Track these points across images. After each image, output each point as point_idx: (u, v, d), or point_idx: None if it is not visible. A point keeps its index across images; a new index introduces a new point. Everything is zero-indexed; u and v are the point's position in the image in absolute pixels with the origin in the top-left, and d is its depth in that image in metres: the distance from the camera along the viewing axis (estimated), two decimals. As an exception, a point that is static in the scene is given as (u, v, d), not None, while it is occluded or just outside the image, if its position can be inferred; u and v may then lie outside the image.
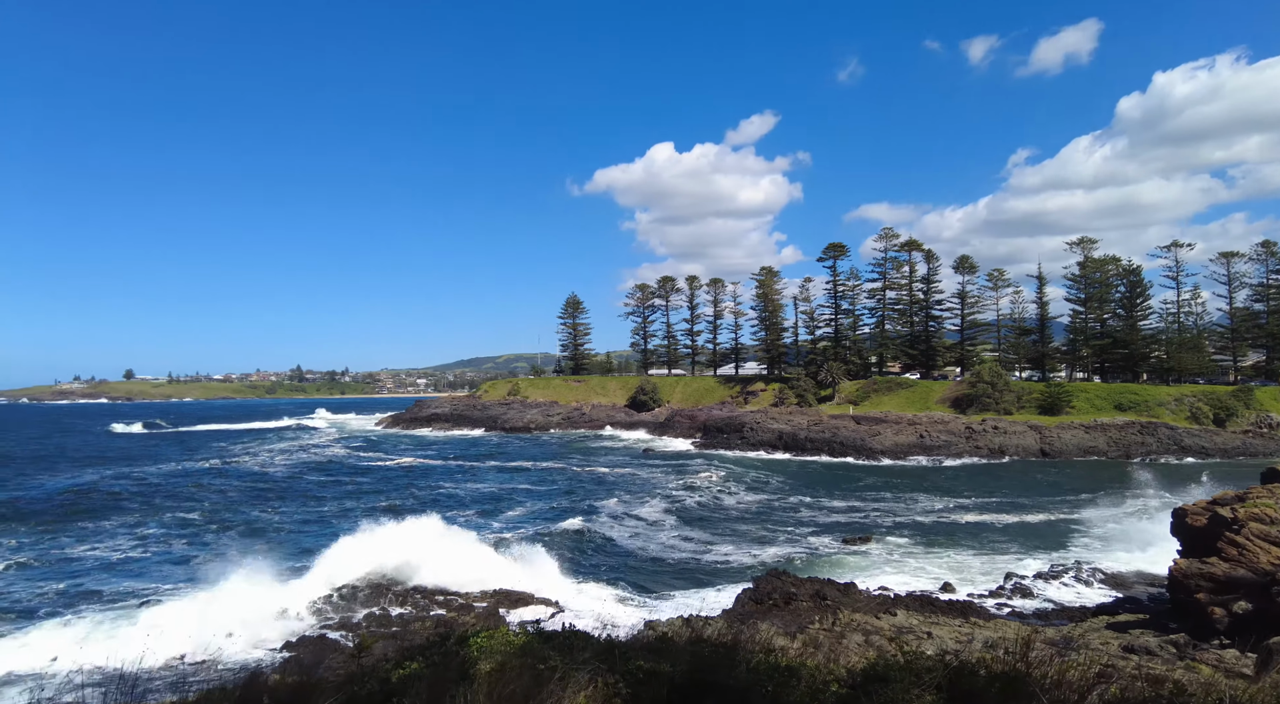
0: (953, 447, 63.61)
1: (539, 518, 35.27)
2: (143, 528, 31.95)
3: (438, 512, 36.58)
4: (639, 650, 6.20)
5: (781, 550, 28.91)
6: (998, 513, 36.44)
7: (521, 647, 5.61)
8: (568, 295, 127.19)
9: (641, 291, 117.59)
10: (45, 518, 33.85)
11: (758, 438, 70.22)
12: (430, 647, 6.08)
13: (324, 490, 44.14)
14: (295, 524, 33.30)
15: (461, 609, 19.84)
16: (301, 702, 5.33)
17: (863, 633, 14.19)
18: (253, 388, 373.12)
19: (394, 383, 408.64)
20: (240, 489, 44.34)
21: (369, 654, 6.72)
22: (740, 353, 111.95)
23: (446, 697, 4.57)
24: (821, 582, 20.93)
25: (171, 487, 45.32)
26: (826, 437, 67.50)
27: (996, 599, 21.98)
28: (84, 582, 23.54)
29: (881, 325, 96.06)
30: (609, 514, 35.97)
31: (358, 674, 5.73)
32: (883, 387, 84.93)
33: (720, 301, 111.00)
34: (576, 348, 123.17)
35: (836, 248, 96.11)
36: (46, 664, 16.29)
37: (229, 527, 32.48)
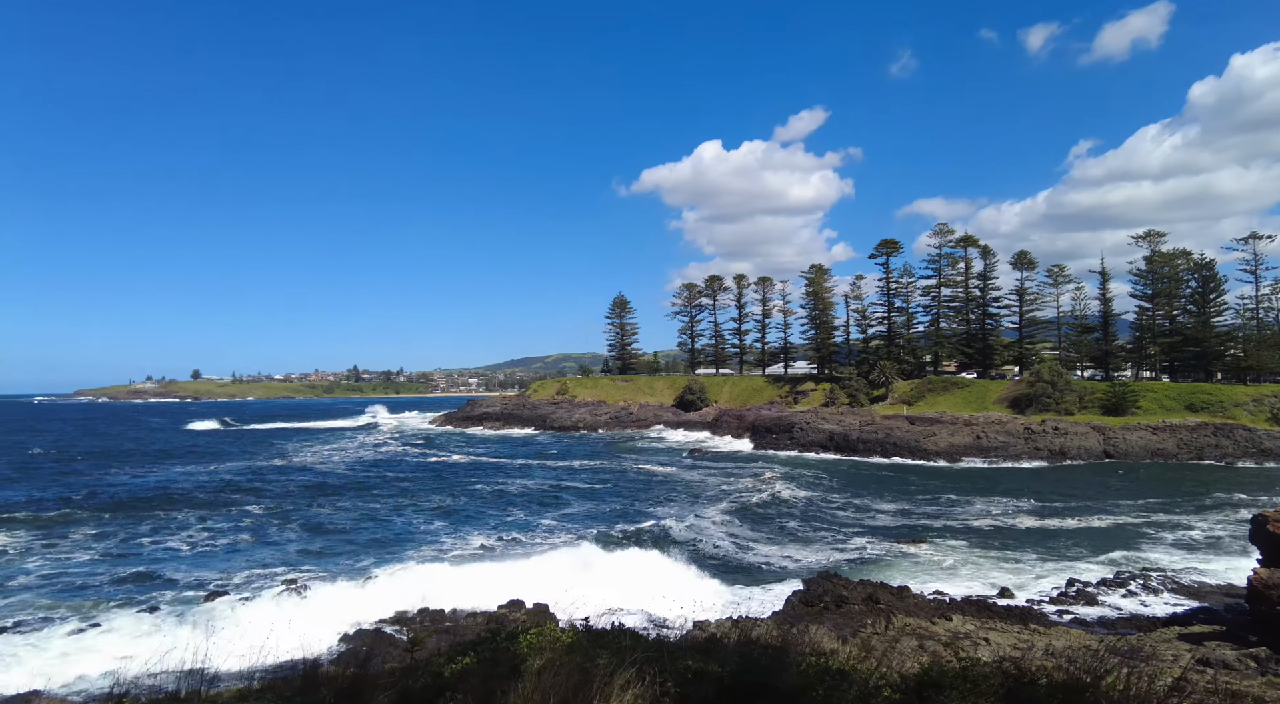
0: (1011, 448, 61.65)
1: (588, 517, 35.52)
2: (213, 521, 33.39)
3: (491, 509, 37.35)
4: (687, 650, 6.18)
5: (832, 552, 28.50)
6: (1059, 517, 35.19)
7: (570, 644, 5.65)
8: (615, 296, 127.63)
9: (689, 291, 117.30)
10: (129, 509, 35.72)
11: (808, 438, 69.32)
12: (481, 643, 6.17)
13: (381, 487, 45.29)
14: (352, 521, 34.22)
15: (513, 605, 20.09)
16: (357, 693, 5.48)
17: (917, 638, 13.87)
18: (311, 387, 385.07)
19: (447, 382, 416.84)
20: (302, 485, 45.83)
21: (422, 649, 6.86)
22: (789, 352, 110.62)
23: (497, 692, 4.63)
24: (874, 585, 20.55)
25: (240, 482, 47.24)
26: (879, 438, 66.21)
27: (1057, 606, 21.21)
28: (161, 570, 24.73)
29: (936, 323, 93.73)
30: (656, 513, 36.02)
31: (411, 668, 5.85)
32: (938, 386, 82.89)
33: (769, 300, 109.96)
34: (624, 348, 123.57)
35: (889, 244, 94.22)
36: (125, 649, 17.11)
37: (290, 520, 33.63)
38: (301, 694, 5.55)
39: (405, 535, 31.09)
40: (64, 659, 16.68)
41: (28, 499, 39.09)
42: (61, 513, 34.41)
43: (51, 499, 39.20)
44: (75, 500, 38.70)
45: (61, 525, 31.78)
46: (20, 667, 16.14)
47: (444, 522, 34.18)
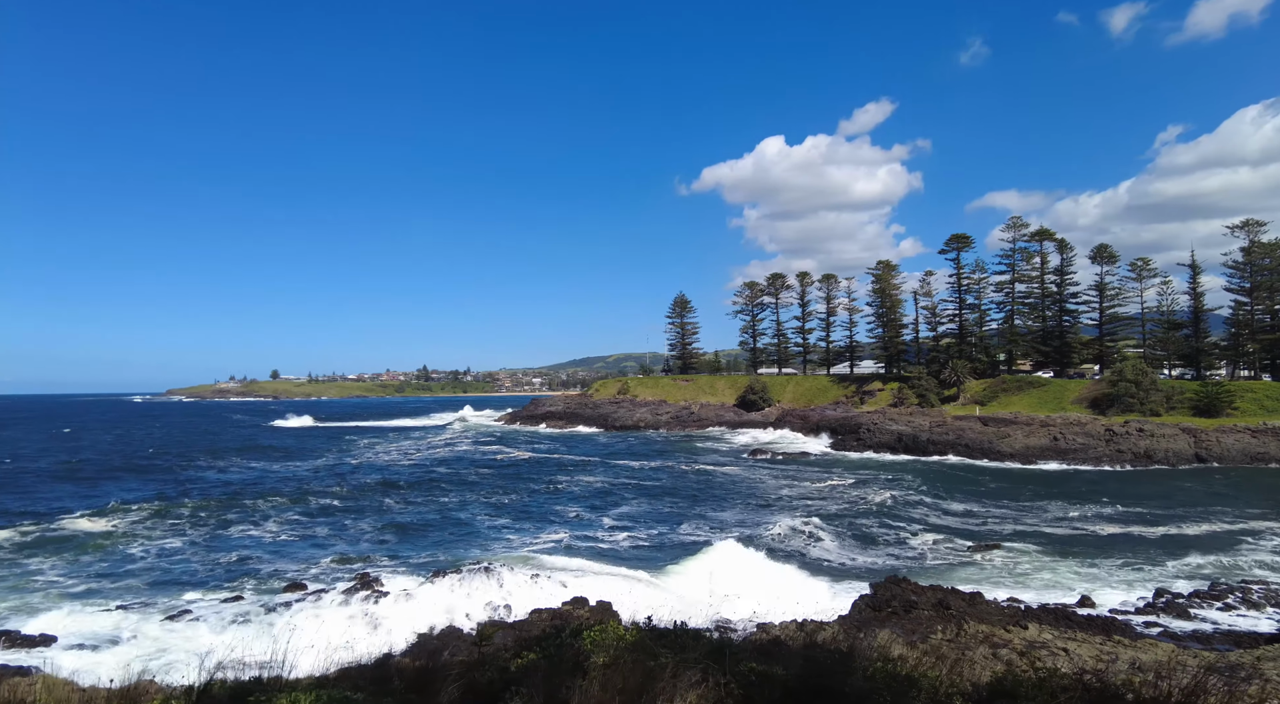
0: (1091, 450, 58.78)
1: (647, 517, 35.61)
2: (296, 513, 35.13)
3: (555, 506, 37.88)
4: (751, 652, 6.11)
5: (899, 555, 27.78)
6: (1145, 524, 33.35)
7: (634, 643, 5.67)
8: (675, 295, 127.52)
9: (750, 289, 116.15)
10: (224, 501, 37.84)
11: (875, 439, 67.74)
12: (546, 639, 6.25)
13: (450, 483, 46.50)
14: (423, 515, 35.24)
15: (576, 602, 20.30)
16: (426, 684, 5.62)
17: (990, 646, 13.37)
18: (383, 387, 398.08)
19: (511, 382, 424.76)
20: (378, 481, 47.49)
21: (489, 643, 6.99)
22: (855, 351, 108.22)
23: (562, 688, 4.68)
24: (944, 590, 19.92)
25: (322, 477, 49.67)
26: (950, 439, 64.17)
27: (1144, 617, 20.09)
28: (247, 560, 26.07)
29: (1010, 320, 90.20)
30: (714, 514, 35.86)
31: (478, 661, 5.97)
32: (1012, 386, 79.79)
33: (833, 298, 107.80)
34: (684, 347, 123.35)
35: (960, 239, 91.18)
36: (212, 634, 18.06)
37: (366, 514, 34.94)
38: (374, 683, 5.72)
39: (473, 531, 31.82)
40: (159, 642, 17.71)
41: (140, 493, 42.05)
42: (166, 505, 36.65)
43: (158, 493, 42.02)
44: (178, 494, 41.47)
45: (165, 517, 33.76)
46: (122, 648, 17.21)
47: (509, 518, 34.85)
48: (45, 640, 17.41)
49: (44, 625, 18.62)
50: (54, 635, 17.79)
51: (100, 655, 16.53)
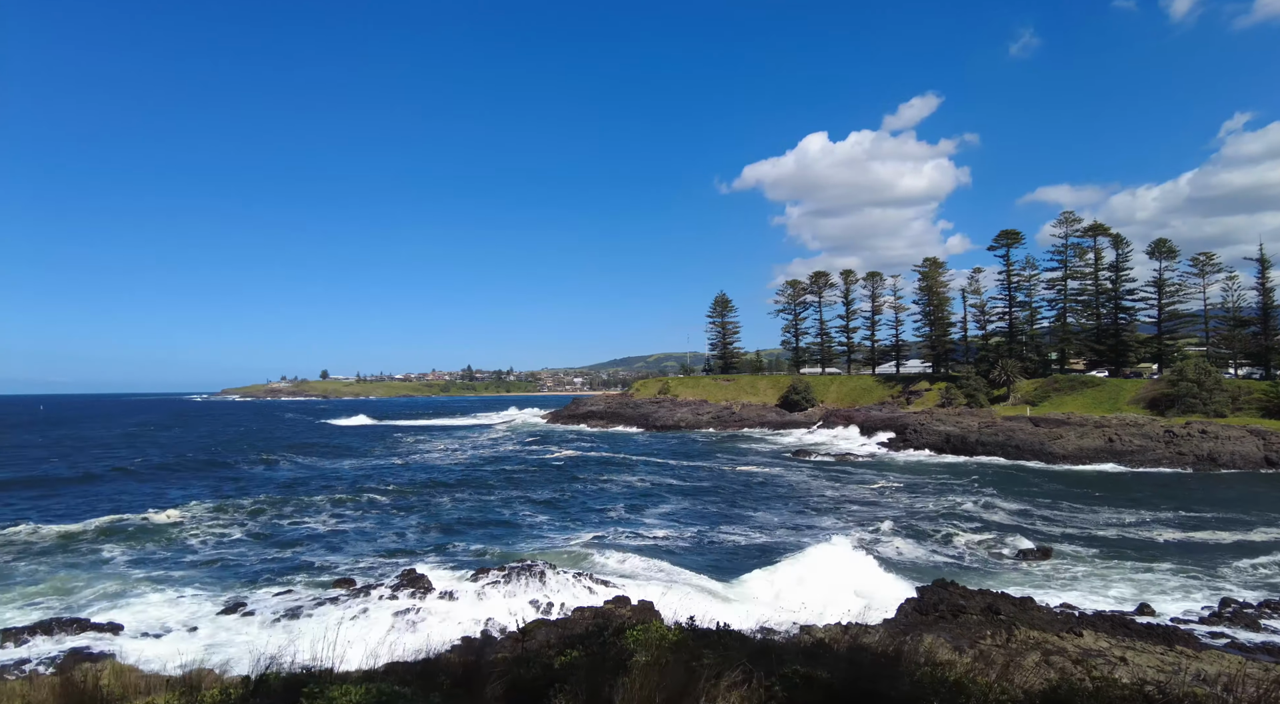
0: (1149, 453, 56.62)
1: (687, 516, 35.53)
2: (347, 509, 36.11)
3: (596, 504, 38.07)
4: (794, 654, 6.06)
5: (947, 558, 27.18)
6: (1207, 529, 32.00)
7: (676, 643, 5.67)
8: (716, 294, 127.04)
9: (793, 288, 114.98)
10: (280, 498, 38.94)
11: (922, 440, 66.44)
12: (589, 636, 6.29)
13: (494, 480, 47.13)
14: (466, 511, 35.79)
15: (618, 601, 20.37)
16: (472, 679, 5.71)
17: (1042, 653, 13.00)
18: (429, 386, 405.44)
19: (553, 381, 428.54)
20: (425, 478, 48.43)
21: (532, 640, 7.07)
22: (901, 350, 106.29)
23: (605, 686, 4.70)
24: (993, 595, 19.43)
25: (371, 474, 50.81)
26: (1000, 439, 62.54)
27: (1209, 627, 19.27)
28: (300, 555, 26.86)
29: (1062, 318, 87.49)
30: (754, 516, 35.60)
31: (522, 658, 6.04)
32: (1064, 385, 77.39)
33: (879, 296, 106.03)
34: (725, 347, 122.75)
35: (1009, 235, 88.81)
36: (266, 626, 18.63)
37: (413, 510, 35.71)
38: (421, 678, 5.84)
39: (516, 528, 32.18)
40: (216, 633, 18.35)
41: (205, 488, 44.08)
42: (227, 500, 38.05)
43: (221, 488, 43.88)
44: (238, 490, 43.25)
45: (226, 512, 34.93)
46: (182, 637, 17.88)
47: (552, 516, 35.17)
48: (113, 628, 18.19)
49: (112, 614, 19.47)
50: (120, 624, 18.57)
51: (162, 644, 17.19)
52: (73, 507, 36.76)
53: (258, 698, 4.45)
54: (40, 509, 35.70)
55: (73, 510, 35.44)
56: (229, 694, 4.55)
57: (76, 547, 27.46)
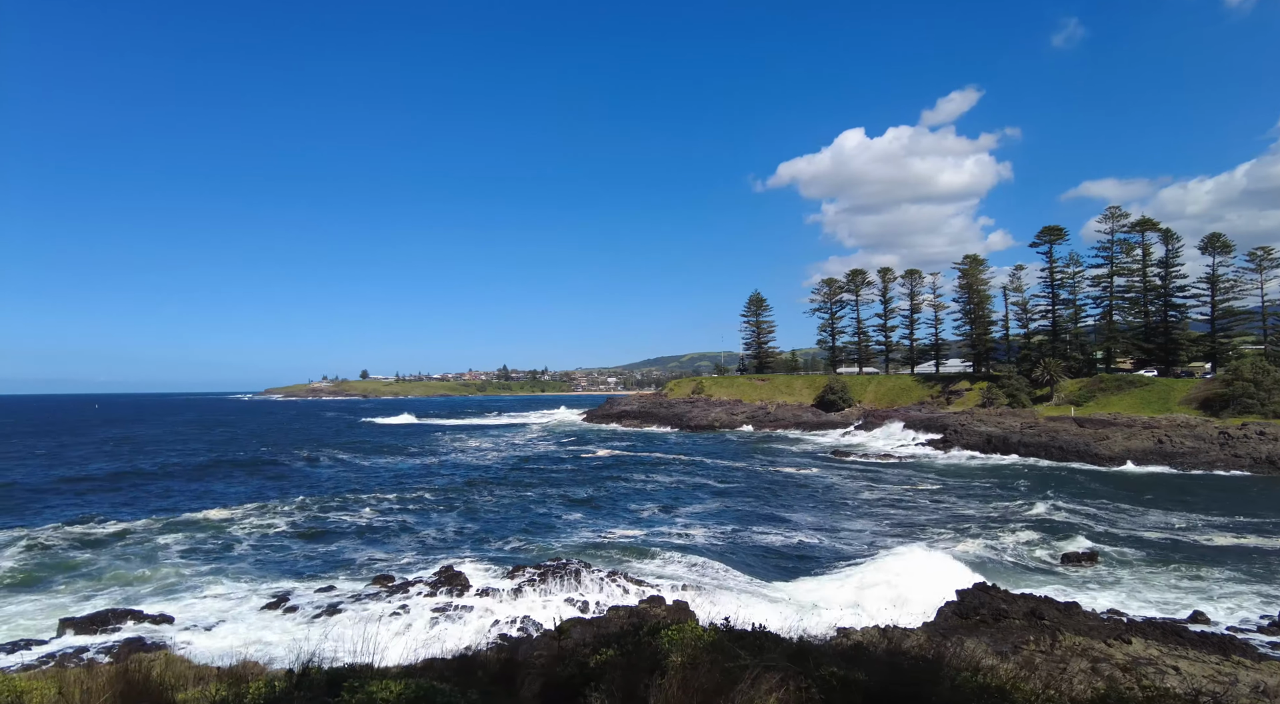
0: (1202, 455, 54.66)
1: (720, 515, 35.37)
2: (387, 506, 36.77)
3: (630, 503, 38.13)
4: (832, 656, 5.99)
5: (988, 560, 26.60)
6: (1263, 535, 30.72)
7: (712, 643, 5.64)
8: (751, 293, 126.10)
9: (829, 286, 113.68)
10: (322, 495, 39.86)
11: (962, 440, 65.17)
12: (624, 636, 6.30)
13: (530, 479, 47.57)
14: (502, 508, 36.16)
15: (653, 601, 20.38)
16: (509, 676, 5.76)
17: (1089, 660, 12.64)
18: (465, 386, 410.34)
19: (587, 381, 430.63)
20: (464, 476, 49.13)
21: (568, 638, 7.10)
22: (941, 349, 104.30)
23: (640, 685, 4.70)
24: (1036, 599, 18.95)
25: (412, 472, 51.86)
26: (1043, 440, 61.01)
27: (1270, 637, 18.52)
28: (342, 551, 27.48)
29: (1108, 316, 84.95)
30: (789, 516, 35.28)
31: (558, 656, 6.08)
32: (1110, 385, 75.17)
33: (917, 294, 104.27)
34: (760, 346, 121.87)
35: (1053, 231, 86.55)
36: (307, 621, 19.04)
37: (451, 508, 36.21)
38: (459, 674, 5.90)
39: (552, 527, 32.38)
40: (260, 627, 18.80)
41: (253, 484, 45.45)
42: (274, 497, 39.03)
43: (268, 485, 44.83)
44: (284, 486, 44.45)
45: (273, 509, 35.82)
46: (229, 630, 18.38)
47: (587, 514, 35.32)
48: (165, 619, 18.78)
49: (164, 606, 20.10)
50: (172, 616, 19.16)
51: (210, 637, 17.69)
52: (130, 503, 38.11)
53: (301, 691, 4.54)
54: (100, 505, 37.04)
55: (131, 506, 36.76)
56: (273, 687, 4.65)
57: (133, 541, 28.40)
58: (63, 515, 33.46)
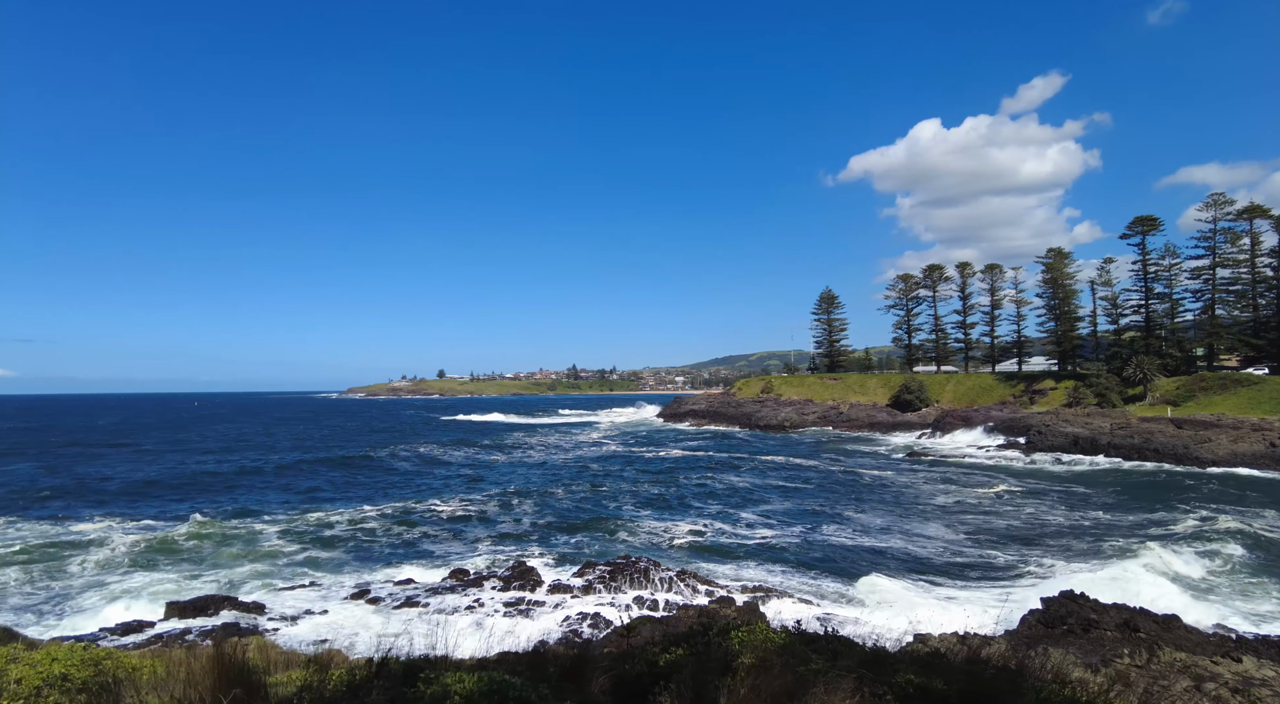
0: (1322, 460, 50.54)
1: (789, 515, 34.83)
2: (465, 501, 37.90)
3: (696, 501, 38.00)
4: (907, 663, 5.82)
5: (1073, 568, 25.28)
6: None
7: (783, 646, 5.56)
8: (822, 290, 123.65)
9: (904, 282, 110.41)
10: (401, 487, 41.38)
11: (1047, 442, 62.18)
12: (693, 635, 6.28)
13: (600, 477, 48.11)
14: (573, 505, 36.63)
15: (723, 601, 20.27)
16: (578, 673, 5.82)
17: (1192, 678, 11.85)
18: (536, 385, 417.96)
19: (655, 380, 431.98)
20: (538, 473, 50.22)
21: (636, 635, 7.12)
22: (1023, 347, 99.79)
23: (710, 686, 4.68)
24: (1131, 609, 17.90)
25: (488, 468, 53.46)
26: (1135, 442, 57.58)
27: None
28: (421, 544, 28.47)
29: (1210, 311, 79.44)
30: (859, 518, 34.44)
31: (627, 653, 6.11)
32: (1213, 384, 70.31)
33: (998, 289, 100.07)
34: (832, 345, 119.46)
35: (1146, 221, 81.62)
36: (387, 614, 19.77)
37: (525, 504, 37.01)
38: (530, 669, 6.00)
39: (621, 524, 32.57)
40: (343, 617, 19.62)
41: (343, 480, 47.37)
42: (363, 493, 40.65)
43: (356, 480, 46.78)
44: (372, 482, 46.39)
45: (359, 507, 37.45)
46: (315, 619, 19.25)
47: (655, 512, 35.41)
48: (257, 607, 19.82)
49: (256, 595, 21.25)
50: (263, 604, 20.21)
51: (297, 625, 18.57)
52: (230, 498, 40.51)
53: (380, 680, 4.71)
54: (202, 502, 39.55)
55: (230, 501, 39.09)
56: (354, 674, 4.84)
57: (233, 534, 30.11)
58: (165, 510, 35.87)
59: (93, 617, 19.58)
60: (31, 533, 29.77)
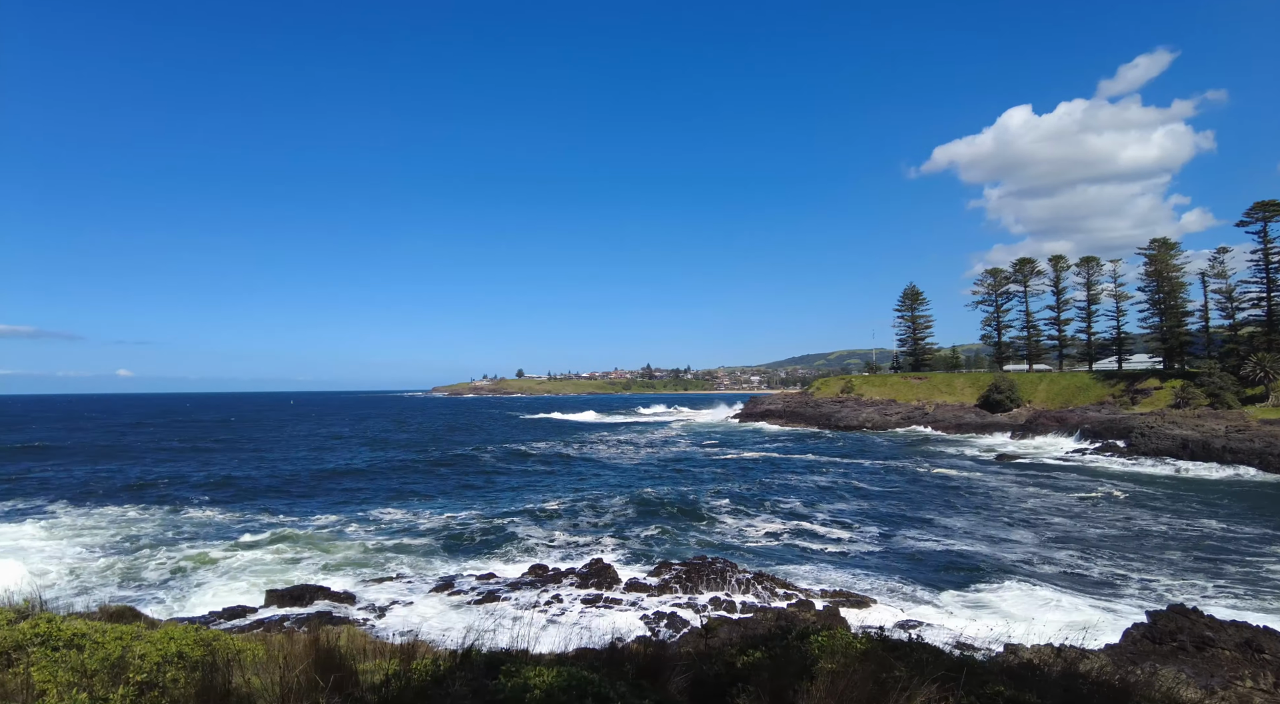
0: None
1: (872, 519, 33.88)
2: (549, 496, 39.04)
3: (774, 503, 37.47)
4: (997, 674, 5.57)
5: (1176, 581, 23.61)
6: None
7: (864, 652, 5.42)
8: (905, 286, 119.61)
9: (993, 277, 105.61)
10: (492, 483, 42.61)
11: (1150, 445, 58.30)
12: (772, 638, 6.19)
13: (677, 475, 48.29)
14: (652, 505, 36.70)
15: (802, 605, 19.93)
16: (655, 671, 5.83)
17: (1321, 703, 10.86)
18: (611, 384, 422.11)
19: (730, 380, 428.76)
20: (614, 471, 50.72)
21: (715, 636, 7.08)
22: (1124, 344, 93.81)
23: (789, 690, 4.60)
24: (1253, 628, 16.56)
25: (566, 465, 54.56)
26: (1255, 447, 53.24)
27: None
28: (504, 541, 29.19)
29: (1344, 303, 72.74)
30: (945, 521, 33.15)
31: (705, 654, 6.08)
32: (1347, 383, 64.31)
33: (1095, 283, 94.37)
34: (916, 342, 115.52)
35: (1269, 206, 75.24)
36: (469, 607, 20.34)
37: (602, 501, 37.40)
38: (608, 665, 6.05)
39: (697, 524, 32.49)
40: (426, 610, 20.32)
41: (440, 474, 48.94)
42: (445, 494, 42.32)
43: (452, 474, 48.55)
44: (461, 479, 48.06)
45: (445, 503, 38.79)
46: (401, 611, 20.03)
47: (731, 513, 35.07)
48: (348, 597, 20.77)
49: (347, 585, 22.27)
50: (354, 594, 21.16)
51: (385, 615, 19.36)
52: (327, 494, 42.69)
53: (462, 671, 4.85)
54: (303, 498, 41.83)
55: (326, 496, 41.21)
56: (439, 665, 5.00)
57: (327, 529, 31.70)
58: (269, 505, 38.10)
59: (203, 600, 21.01)
60: (167, 520, 32.21)
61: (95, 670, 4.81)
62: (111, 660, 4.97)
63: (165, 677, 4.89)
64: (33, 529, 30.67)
